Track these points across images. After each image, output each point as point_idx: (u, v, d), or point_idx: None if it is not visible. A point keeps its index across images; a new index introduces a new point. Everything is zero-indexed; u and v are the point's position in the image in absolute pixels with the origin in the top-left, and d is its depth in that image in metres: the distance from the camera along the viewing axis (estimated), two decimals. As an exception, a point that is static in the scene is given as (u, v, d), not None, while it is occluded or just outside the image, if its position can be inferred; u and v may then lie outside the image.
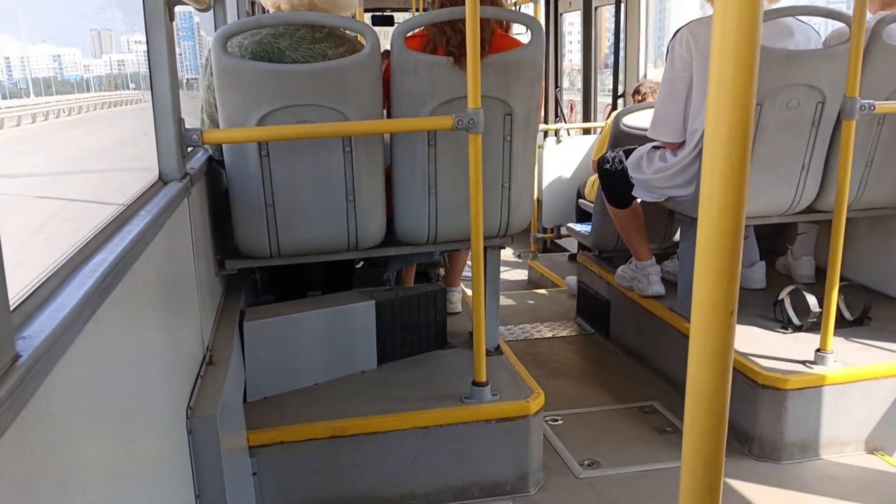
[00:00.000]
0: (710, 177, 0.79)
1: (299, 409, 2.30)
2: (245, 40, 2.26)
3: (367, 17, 7.33)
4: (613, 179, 3.32)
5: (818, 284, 3.03)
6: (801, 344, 2.74)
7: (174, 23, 1.87)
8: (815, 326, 2.74)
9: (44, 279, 1.01)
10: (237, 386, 2.17)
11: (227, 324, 2.30)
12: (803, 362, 2.61)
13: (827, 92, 2.69)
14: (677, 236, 3.53)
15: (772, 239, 3.77)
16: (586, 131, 5.91)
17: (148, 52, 1.78)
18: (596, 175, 4.12)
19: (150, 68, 1.79)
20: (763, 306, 3.04)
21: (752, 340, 2.79)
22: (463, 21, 2.33)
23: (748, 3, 0.72)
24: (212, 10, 3.17)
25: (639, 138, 3.48)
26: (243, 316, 2.38)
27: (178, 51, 1.92)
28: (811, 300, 2.82)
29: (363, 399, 2.37)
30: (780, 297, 2.94)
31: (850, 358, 2.63)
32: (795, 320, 2.88)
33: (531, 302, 4.53)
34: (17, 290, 0.91)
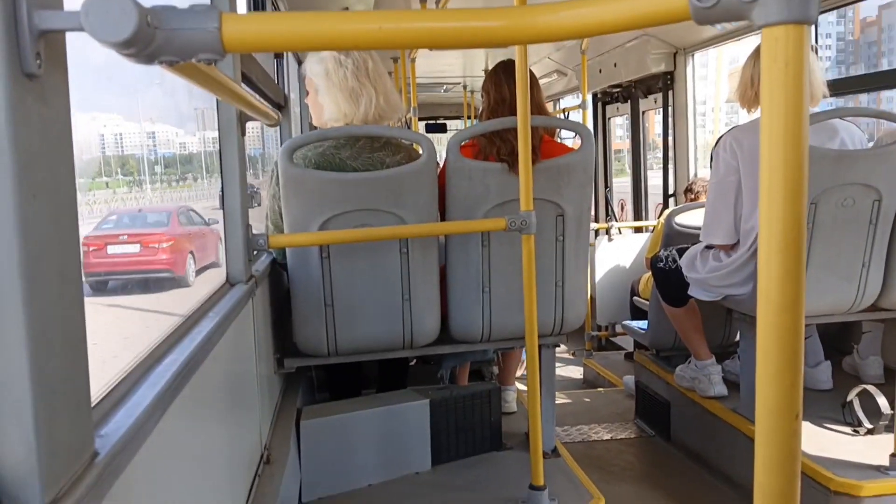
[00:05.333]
0: (766, 277, 0.79)
1: None
2: (309, 152, 2.39)
3: (422, 126, 7.64)
4: (668, 278, 3.31)
5: (887, 384, 2.90)
6: (873, 448, 2.60)
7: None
8: (886, 429, 2.62)
9: (121, 378, 1.06)
10: (293, 486, 2.17)
11: (285, 422, 2.33)
12: (877, 468, 2.47)
13: (883, 190, 2.67)
14: (738, 335, 3.46)
15: (836, 338, 3.65)
16: (637, 230, 5.93)
17: (221, 164, 1.90)
18: (650, 272, 4.11)
19: (222, 180, 1.90)
20: (831, 408, 2.92)
21: (822, 444, 2.66)
22: (510, 131, 2.43)
23: (794, 110, 0.75)
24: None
25: (692, 237, 3.47)
26: (300, 414, 2.41)
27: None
28: (882, 401, 2.70)
29: (418, 503, 2.33)
30: (848, 399, 2.82)
31: (928, 463, 2.49)
32: (866, 423, 2.75)
33: (588, 401, 4.44)
34: (96, 389, 0.96)
